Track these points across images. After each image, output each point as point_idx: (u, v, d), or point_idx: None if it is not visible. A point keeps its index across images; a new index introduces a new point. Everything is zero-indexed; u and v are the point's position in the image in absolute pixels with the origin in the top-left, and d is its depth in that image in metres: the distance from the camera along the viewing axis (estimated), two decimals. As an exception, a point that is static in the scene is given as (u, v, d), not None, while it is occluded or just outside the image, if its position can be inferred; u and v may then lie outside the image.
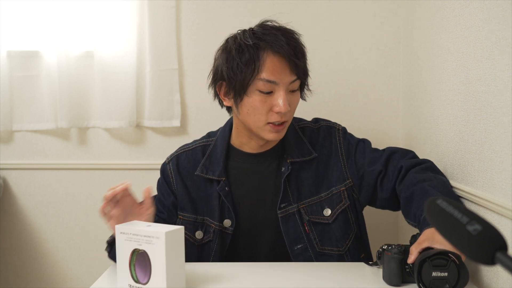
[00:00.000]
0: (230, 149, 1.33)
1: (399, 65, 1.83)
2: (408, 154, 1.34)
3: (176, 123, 1.87)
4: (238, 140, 1.33)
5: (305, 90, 1.32)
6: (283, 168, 1.30)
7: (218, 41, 1.33)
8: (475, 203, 1.16)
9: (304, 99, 1.33)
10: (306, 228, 1.28)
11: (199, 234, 1.32)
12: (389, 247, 1.07)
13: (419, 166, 1.27)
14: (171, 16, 1.83)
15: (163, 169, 1.38)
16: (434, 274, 0.95)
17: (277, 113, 1.20)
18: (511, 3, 1.00)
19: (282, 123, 1.23)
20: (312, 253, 1.28)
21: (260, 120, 1.22)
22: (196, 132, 1.87)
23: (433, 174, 1.24)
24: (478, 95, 1.15)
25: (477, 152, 1.16)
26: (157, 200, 1.35)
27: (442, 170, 1.39)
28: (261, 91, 1.19)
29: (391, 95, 1.84)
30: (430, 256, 0.96)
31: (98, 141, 1.91)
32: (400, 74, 1.83)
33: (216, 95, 1.31)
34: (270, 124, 1.22)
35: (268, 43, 1.19)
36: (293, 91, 1.24)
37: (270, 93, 1.20)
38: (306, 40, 1.29)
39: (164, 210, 1.35)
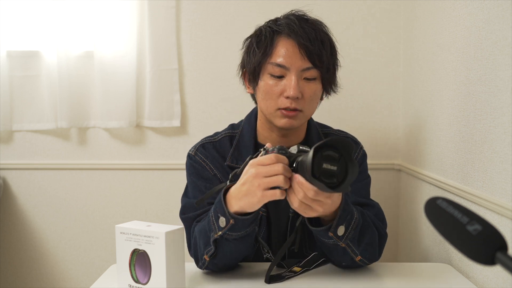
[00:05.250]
0: (256, 144, 1.30)
1: (399, 65, 1.83)
2: (384, 221, 1.29)
3: (176, 123, 1.87)
4: (262, 134, 1.30)
5: (332, 86, 1.26)
6: None
7: (218, 41, 1.33)
8: (475, 203, 1.16)
9: (328, 93, 1.28)
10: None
11: None
12: (270, 149, 1.03)
13: (376, 223, 1.23)
14: (171, 16, 1.83)
15: (193, 160, 1.28)
16: (324, 165, 0.92)
17: (287, 98, 1.18)
18: (511, 3, 1.00)
19: (293, 110, 1.19)
20: (300, 254, 1.27)
21: (271, 105, 1.20)
22: (196, 132, 1.88)
23: (374, 228, 1.20)
24: (478, 95, 1.15)
25: (477, 152, 1.16)
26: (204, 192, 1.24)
27: (442, 170, 1.39)
28: (272, 75, 1.19)
29: (391, 95, 1.84)
30: (322, 147, 0.93)
31: (98, 141, 1.92)
32: (400, 74, 1.83)
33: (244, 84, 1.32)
34: (281, 110, 1.19)
35: (282, 27, 1.20)
36: (308, 79, 1.20)
37: (281, 77, 1.19)
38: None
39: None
